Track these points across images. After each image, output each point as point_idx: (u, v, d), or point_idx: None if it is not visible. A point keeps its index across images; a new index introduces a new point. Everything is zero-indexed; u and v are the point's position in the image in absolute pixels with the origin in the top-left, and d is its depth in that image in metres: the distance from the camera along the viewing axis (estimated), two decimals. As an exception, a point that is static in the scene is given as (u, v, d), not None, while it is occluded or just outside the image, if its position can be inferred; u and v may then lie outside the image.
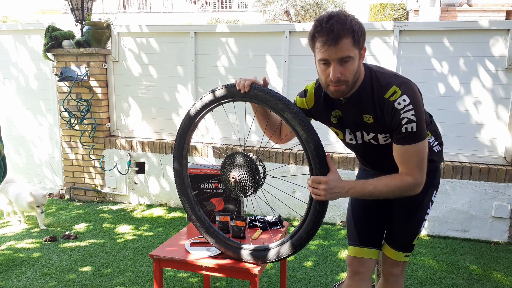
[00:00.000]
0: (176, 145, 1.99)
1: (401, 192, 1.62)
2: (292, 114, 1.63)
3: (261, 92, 1.68)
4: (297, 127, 1.63)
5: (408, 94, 1.56)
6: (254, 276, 1.88)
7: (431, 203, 1.88)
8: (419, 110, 1.57)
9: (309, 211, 1.72)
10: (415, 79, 3.75)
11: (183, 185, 2.02)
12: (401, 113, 1.55)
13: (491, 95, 3.59)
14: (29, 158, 4.91)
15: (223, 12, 17.74)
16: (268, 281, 2.92)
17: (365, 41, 1.56)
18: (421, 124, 1.57)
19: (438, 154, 1.87)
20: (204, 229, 2.00)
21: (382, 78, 1.62)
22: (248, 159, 1.79)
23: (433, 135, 1.85)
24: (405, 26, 3.72)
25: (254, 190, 1.81)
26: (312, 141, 1.61)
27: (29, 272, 3.05)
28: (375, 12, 15.72)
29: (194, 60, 4.24)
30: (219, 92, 1.79)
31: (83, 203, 4.61)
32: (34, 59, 4.68)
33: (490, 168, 3.55)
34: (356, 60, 1.53)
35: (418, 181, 1.62)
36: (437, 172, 1.91)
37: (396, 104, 1.56)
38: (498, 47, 3.51)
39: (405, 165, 1.61)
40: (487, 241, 3.61)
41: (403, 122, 1.56)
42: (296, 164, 3.97)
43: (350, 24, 1.48)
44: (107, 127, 4.59)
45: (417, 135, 1.57)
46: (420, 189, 1.64)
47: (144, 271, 3.06)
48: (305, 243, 1.76)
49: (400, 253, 1.91)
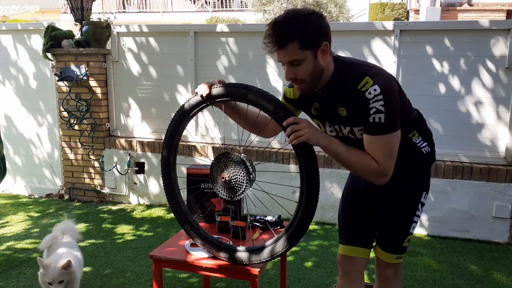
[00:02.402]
0: (164, 178, 2.00)
1: (363, 172, 1.61)
2: (254, 94, 1.65)
3: (221, 88, 1.72)
4: (262, 103, 1.64)
5: (379, 84, 1.52)
6: (254, 276, 1.88)
7: (420, 205, 1.83)
8: (390, 102, 1.52)
9: (303, 193, 1.67)
10: (416, 79, 3.79)
11: (182, 215, 1.99)
12: (370, 102, 1.52)
13: (492, 95, 3.58)
14: (28, 158, 4.90)
15: (223, 11, 17.73)
16: (268, 281, 2.91)
17: (324, 38, 1.52)
18: (391, 116, 1.53)
19: (427, 155, 1.82)
20: (216, 248, 1.95)
21: (355, 70, 1.59)
22: (235, 159, 1.78)
23: (421, 135, 1.79)
24: (406, 26, 3.71)
25: (243, 190, 1.78)
26: (281, 109, 1.62)
27: (28, 272, 3.04)
28: (376, 11, 15.72)
29: (194, 60, 4.24)
30: (187, 106, 1.83)
31: (83, 203, 4.60)
32: (33, 59, 4.67)
33: (490, 168, 3.55)
34: (308, 61, 1.52)
35: (383, 171, 1.58)
36: (425, 174, 1.86)
37: (366, 93, 1.52)
38: (498, 47, 3.51)
39: (372, 153, 1.59)
40: (487, 241, 3.60)
41: (371, 112, 1.52)
42: (296, 164, 3.96)
43: (296, 28, 1.48)
44: (106, 127, 4.58)
45: (384, 126, 1.53)
46: (385, 181, 1.61)
47: (144, 272, 3.06)
48: (303, 232, 1.74)
49: (391, 254, 1.87)
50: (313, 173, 1.64)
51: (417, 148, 1.77)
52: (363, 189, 1.90)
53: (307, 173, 1.64)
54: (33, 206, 4.52)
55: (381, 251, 1.90)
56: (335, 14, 15.44)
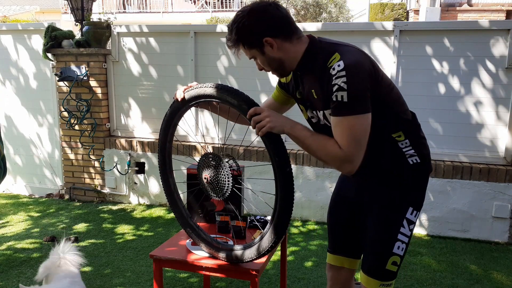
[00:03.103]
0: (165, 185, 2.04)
1: (327, 157, 1.47)
2: (218, 90, 1.66)
3: (192, 90, 1.77)
4: (227, 98, 1.63)
5: (345, 60, 1.40)
6: (254, 276, 1.88)
7: (406, 222, 1.61)
8: (355, 79, 1.39)
9: (277, 183, 1.59)
10: (415, 79, 3.79)
11: (183, 218, 2.01)
12: (333, 78, 1.40)
13: (491, 95, 3.58)
14: (29, 158, 4.91)
15: (223, 11, 17.73)
16: (268, 281, 2.91)
17: (262, 36, 1.50)
18: (355, 95, 1.39)
19: (414, 167, 1.60)
20: (216, 250, 1.94)
21: (328, 48, 1.49)
22: (216, 158, 1.78)
23: (409, 139, 1.59)
24: (405, 26, 3.72)
25: (227, 188, 1.76)
26: (244, 102, 1.60)
27: (29, 272, 3.04)
28: (375, 12, 15.72)
29: (194, 60, 4.24)
30: (169, 113, 1.91)
31: (83, 203, 4.60)
32: (34, 59, 4.68)
33: (490, 168, 3.55)
34: (260, 56, 1.56)
35: (347, 157, 1.43)
36: (413, 188, 1.64)
37: (331, 70, 1.41)
38: (498, 47, 3.51)
39: (337, 138, 1.46)
40: (487, 241, 3.61)
41: (333, 89, 1.40)
42: (296, 165, 3.96)
43: (237, 33, 1.53)
44: (107, 127, 4.59)
45: (348, 106, 1.40)
46: (351, 170, 1.46)
47: (144, 271, 3.06)
48: (285, 224, 1.65)
49: (372, 279, 1.63)
50: (283, 163, 1.55)
51: (400, 153, 1.59)
52: (349, 196, 1.79)
53: (276, 163, 1.56)
54: (33, 206, 4.52)
55: (363, 274, 1.68)
56: (335, 14, 15.45)
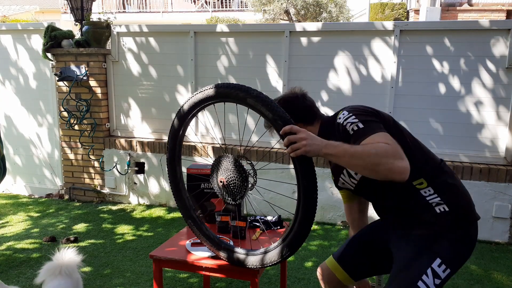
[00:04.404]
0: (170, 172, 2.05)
1: (376, 155, 1.36)
2: (253, 98, 1.59)
3: (222, 88, 1.67)
4: (261, 109, 1.58)
5: (347, 108, 1.63)
6: (254, 276, 1.88)
7: (430, 271, 1.51)
8: (361, 113, 1.57)
9: (299, 206, 1.59)
10: (416, 79, 3.79)
11: (186, 209, 2.00)
12: (343, 124, 1.57)
13: (492, 95, 3.58)
14: (28, 158, 4.90)
15: (223, 11, 17.73)
16: (268, 281, 2.91)
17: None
18: (367, 120, 1.52)
19: (442, 216, 1.54)
20: (216, 246, 1.94)
21: (334, 114, 1.70)
22: (236, 163, 1.74)
23: (433, 187, 1.56)
24: (406, 26, 3.71)
25: (242, 195, 1.76)
26: (279, 118, 1.54)
27: (28, 272, 3.04)
28: (376, 11, 15.71)
29: (194, 60, 4.24)
30: (186, 105, 1.81)
31: (83, 203, 4.60)
32: (33, 59, 4.68)
33: (490, 168, 3.55)
34: None
35: (395, 151, 1.38)
36: (441, 238, 1.55)
37: (338, 119, 1.61)
38: (498, 47, 3.51)
39: None
40: (487, 241, 3.60)
41: (347, 128, 1.54)
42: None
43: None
44: (106, 127, 4.58)
45: (365, 129, 1.49)
46: (403, 166, 1.37)
47: (144, 272, 3.06)
48: (297, 248, 1.67)
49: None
50: (311, 189, 1.53)
51: (424, 201, 1.55)
52: (382, 236, 1.77)
53: (303, 186, 1.54)
54: (33, 206, 4.52)
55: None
56: (335, 14, 15.45)
